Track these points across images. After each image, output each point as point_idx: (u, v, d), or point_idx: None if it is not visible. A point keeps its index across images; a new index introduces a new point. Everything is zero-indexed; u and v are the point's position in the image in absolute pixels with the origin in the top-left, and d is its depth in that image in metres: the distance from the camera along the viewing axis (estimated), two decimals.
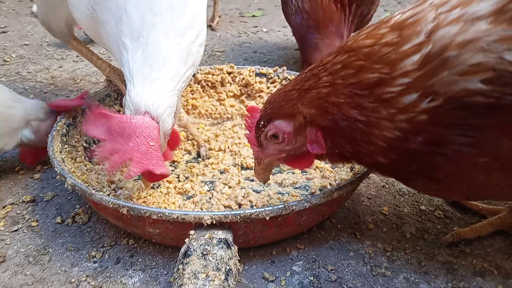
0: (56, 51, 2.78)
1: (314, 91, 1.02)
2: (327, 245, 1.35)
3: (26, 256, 1.31)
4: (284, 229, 1.27)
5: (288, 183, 1.54)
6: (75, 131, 1.63)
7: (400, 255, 1.31)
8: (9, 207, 1.50)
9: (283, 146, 1.14)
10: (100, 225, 1.43)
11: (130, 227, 1.29)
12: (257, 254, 1.32)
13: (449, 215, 1.46)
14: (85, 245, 1.35)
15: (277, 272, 1.26)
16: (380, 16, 3.50)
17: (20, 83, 2.35)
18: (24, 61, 2.63)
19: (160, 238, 1.28)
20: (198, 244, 1.08)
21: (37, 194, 1.57)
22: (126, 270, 1.26)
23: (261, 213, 1.15)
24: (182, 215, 1.14)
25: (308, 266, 1.27)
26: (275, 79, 2.03)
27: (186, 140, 1.79)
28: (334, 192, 1.23)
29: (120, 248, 1.34)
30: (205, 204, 1.43)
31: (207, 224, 1.14)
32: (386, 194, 1.57)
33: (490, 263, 1.27)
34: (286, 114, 1.08)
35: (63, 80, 2.40)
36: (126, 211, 1.16)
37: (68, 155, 1.52)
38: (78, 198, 1.55)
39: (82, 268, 1.27)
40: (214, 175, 1.60)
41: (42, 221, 1.45)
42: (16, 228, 1.42)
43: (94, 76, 2.45)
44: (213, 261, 1.03)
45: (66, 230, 1.42)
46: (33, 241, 1.37)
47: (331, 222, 1.44)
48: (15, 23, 3.25)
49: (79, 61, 2.63)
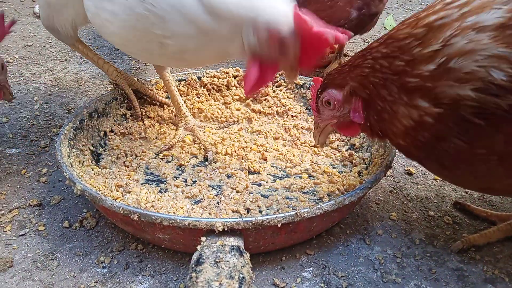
0: (60, 52, 2.77)
1: (359, 69, 1.21)
2: (337, 251, 1.35)
3: (34, 261, 1.30)
4: (294, 235, 1.27)
5: (296, 188, 1.54)
6: (82, 134, 1.62)
7: (410, 261, 1.31)
8: (16, 211, 1.49)
9: (334, 112, 1.31)
10: (108, 230, 1.42)
11: (140, 233, 1.29)
12: (266, 260, 1.31)
13: (458, 221, 1.46)
14: (93, 250, 1.35)
15: (287, 278, 1.26)
16: (382, 20, 3.50)
17: (24, 85, 2.33)
18: (28, 63, 2.61)
19: (170, 244, 1.27)
20: (210, 252, 1.07)
21: (43, 198, 1.56)
22: (135, 276, 1.26)
23: (273, 220, 1.15)
24: (193, 221, 1.13)
25: (318, 273, 1.27)
26: (280, 82, 2.03)
27: (193, 144, 1.79)
28: (346, 198, 1.23)
29: (128, 253, 1.34)
30: (213, 209, 1.42)
31: (218, 231, 1.14)
32: (394, 199, 1.57)
33: (500, 270, 1.27)
34: (338, 84, 1.26)
35: (67, 82, 2.39)
36: (137, 217, 1.16)
37: (76, 159, 1.51)
38: (85, 202, 1.54)
39: (91, 273, 1.26)
40: (221, 179, 1.60)
41: (49, 225, 1.44)
42: (23, 233, 1.41)
43: (99, 78, 2.44)
44: (226, 269, 1.02)
45: (74, 234, 1.41)
46: (40, 246, 1.36)
47: (340, 227, 1.44)
48: (17, 24, 3.23)
49: (83, 63, 2.62)
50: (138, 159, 1.68)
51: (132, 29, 1.28)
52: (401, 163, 1.75)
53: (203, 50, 1.32)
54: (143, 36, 1.30)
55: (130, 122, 1.83)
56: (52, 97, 2.23)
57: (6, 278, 1.25)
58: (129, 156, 1.68)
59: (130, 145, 1.74)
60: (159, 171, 1.62)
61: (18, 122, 1.99)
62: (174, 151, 1.74)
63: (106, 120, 1.77)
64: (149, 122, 1.86)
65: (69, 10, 1.66)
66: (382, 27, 3.47)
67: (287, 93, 2.01)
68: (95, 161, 1.63)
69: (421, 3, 4.20)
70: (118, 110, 1.82)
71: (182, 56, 1.37)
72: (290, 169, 1.65)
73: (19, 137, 1.88)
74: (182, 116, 1.81)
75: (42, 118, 2.04)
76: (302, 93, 1.99)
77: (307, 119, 1.92)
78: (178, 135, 1.78)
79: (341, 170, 1.65)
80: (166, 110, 1.93)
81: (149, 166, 1.65)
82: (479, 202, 1.54)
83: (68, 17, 1.69)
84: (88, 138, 1.65)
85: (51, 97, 2.23)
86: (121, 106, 1.83)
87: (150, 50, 1.35)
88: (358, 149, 1.74)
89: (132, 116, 1.84)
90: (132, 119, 1.84)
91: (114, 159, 1.65)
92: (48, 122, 2.01)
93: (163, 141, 1.78)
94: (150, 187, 1.53)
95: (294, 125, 1.89)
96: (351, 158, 1.69)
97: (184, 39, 1.28)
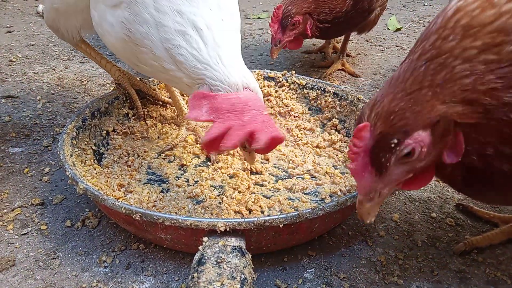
0: (63, 51, 2.78)
1: (454, 84, 0.85)
2: (339, 252, 1.35)
3: (36, 260, 1.31)
4: (296, 236, 1.27)
5: (298, 189, 1.54)
6: (84, 134, 1.62)
7: (412, 263, 1.30)
8: (18, 210, 1.50)
9: (415, 164, 0.91)
10: (110, 229, 1.42)
11: (142, 233, 1.29)
12: (268, 261, 1.31)
13: (460, 222, 1.46)
14: (95, 250, 1.35)
15: (288, 279, 1.25)
16: (385, 20, 3.49)
17: (26, 84, 2.34)
18: (31, 62, 2.62)
19: (172, 244, 1.27)
20: (212, 252, 1.07)
21: (46, 197, 1.56)
22: (137, 276, 1.26)
23: (275, 220, 1.15)
24: (195, 222, 1.13)
25: (320, 274, 1.27)
26: (283, 83, 2.02)
27: (195, 144, 1.79)
28: (348, 199, 1.22)
29: (130, 253, 1.34)
30: (215, 209, 1.42)
31: (220, 231, 1.14)
32: (396, 201, 1.57)
33: (503, 272, 1.26)
34: (427, 121, 0.86)
35: (70, 81, 2.40)
36: (139, 217, 1.16)
37: (78, 159, 1.51)
38: (88, 201, 1.54)
39: (92, 273, 1.26)
40: (223, 180, 1.60)
41: (52, 225, 1.44)
42: (25, 232, 1.41)
43: (101, 77, 2.44)
44: (228, 270, 1.02)
45: (76, 234, 1.41)
46: (42, 245, 1.36)
47: (342, 229, 1.43)
48: (21, 23, 3.24)
49: (86, 62, 2.62)
50: (140, 158, 1.68)
51: (122, 42, 1.32)
52: None
53: (171, 81, 1.35)
54: (129, 51, 1.33)
55: (132, 122, 1.83)
56: (55, 96, 2.23)
57: (8, 276, 1.25)
58: (131, 156, 1.68)
59: (132, 145, 1.74)
60: (161, 171, 1.62)
61: (21, 121, 1.99)
62: (176, 151, 1.74)
63: (108, 119, 1.77)
64: (151, 122, 1.86)
65: (77, 18, 1.66)
66: (385, 28, 3.46)
67: (290, 93, 2.00)
68: (97, 160, 1.63)
69: (424, 4, 4.19)
70: (121, 110, 1.82)
71: (156, 77, 1.53)
72: (292, 169, 1.65)
73: (22, 136, 1.89)
74: (183, 116, 1.81)
75: (45, 117, 2.04)
76: (305, 94, 1.98)
77: (310, 119, 1.92)
78: (180, 135, 1.78)
79: (343, 171, 1.65)
80: (168, 110, 1.93)
81: (151, 166, 1.65)
82: (482, 204, 1.53)
83: (76, 23, 1.70)
84: (90, 138, 1.65)
85: (54, 96, 2.23)
86: (124, 105, 1.83)
87: (133, 62, 1.39)
88: None
89: (135, 116, 1.84)
90: (135, 118, 1.84)
91: (116, 159, 1.65)
92: (50, 121, 2.02)
93: (165, 141, 1.78)
94: (152, 187, 1.53)
95: (296, 125, 1.89)
96: None
97: (154, 68, 1.31)
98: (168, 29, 1.21)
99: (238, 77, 1.19)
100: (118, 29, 1.30)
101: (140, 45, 1.27)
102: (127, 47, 1.31)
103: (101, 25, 1.37)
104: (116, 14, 1.29)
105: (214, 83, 1.19)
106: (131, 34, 1.27)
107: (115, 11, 1.29)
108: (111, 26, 1.32)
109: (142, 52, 1.28)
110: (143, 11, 1.23)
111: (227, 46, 1.23)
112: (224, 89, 1.18)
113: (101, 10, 1.35)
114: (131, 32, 1.26)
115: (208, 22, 1.23)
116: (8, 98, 2.18)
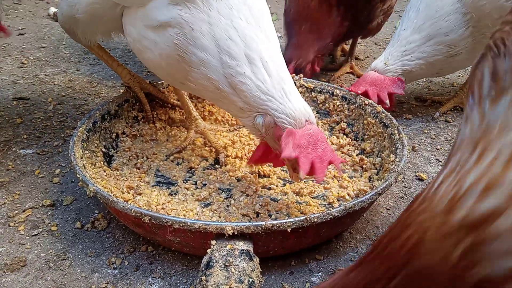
0: (73, 54, 2.81)
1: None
2: (346, 256, 1.35)
3: (46, 261, 1.32)
4: (304, 240, 1.27)
5: (305, 192, 1.54)
6: (94, 136, 1.64)
7: None
8: (29, 211, 1.52)
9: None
10: (119, 231, 1.44)
11: (151, 235, 1.30)
12: (275, 265, 1.31)
13: None
14: (105, 251, 1.36)
15: (296, 283, 1.26)
16: (394, 23, 3.48)
17: (38, 86, 2.37)
18: (42, 64, 2.65)
19: (180, 246, 1.28)
20: (220, 255, 1.08)
21: (56, 198, 1.58)
22: (145, 278, 1.27)
23: (283, 224, 1.15)
24: (204, 225, 1.14)
25: (328, 278, 1.27)
26: None
27: (203, 146, 1.80)
28: (356, 204, 1.22)
29: (139, 255, 1.35)
30: (223, 212, 1.43)
31: (228, 235, 1.14)
32: (404, 205, 1.56)
33: None
34: None
35: (80, 83, 2.42)
36: (148, 219, 1.17)
37: (89, 161, 1.53)
38: (97, 203, 1.56)
39: (102, 274, 1.28)
40: (231, 183, 1.60)
41: (62, 226, 1.46)
42: (36, 232, 1.43)
43: (111, 80, 2.46)
44: (236, 273, 1.03)
45: (86, 235, 1.43)
46: (53, 246, 1.38)
47: (350, 233, 1.43)
48: (32, 25, 3.28)
49: (96, 65, 2.65)
50: (149, 161, 1.69)
51: (172, 60, 1.35)
52: (412, 169, 1.74)
53: (219, 100, 1.39)
54: (177, 69, 1.37)
55: (141, 124, 1.85)
56: (65, 98, 2.26)
57: (20, 277, 1.27)
58: (140, 158, 1.70)
59: (141, 147, 1.76)
60: (170, 173, 1.64)
61: (32, 123, 2.02)
62: (185, 153, 1.75)
63: (118, 122, 1.79)
64: (160, 124, 1.88)
65: (99, 27, 1.65)
66: (394, 30, 3.44)
67: None
68: (107, 162, 1.65)
69: None
70: (130, 113, 1.84)
71: (200, 94, 1.56)
72: None
73: (33, 138, 1.91)
74: (192, 119, 1.82)
75: (55, 119, 2.07)
76: (313, 97, 1.99)
77: (318, 123, 1.92)
78: (189, 138, 1.79)
79: (351, 175, 1.65)
80: (177, 113, 1.95)
81: (159, 168, 1.66)
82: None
83: (96, 31, 1.69)
84: (100, 140, 1.68)
85: (65, 98, 2.26)
86: (133, 108, 1.85)
87: (176, 79, 1.43)
88: (369, 154, 1.73)
89: (144, 119, 1.86)
90: (144, 121, 1.86)
91: (126, 161, 1.67)
92: (61, 123, 2.04)
93: (173, 144, 1.79)
94: (161, 189, 1.54)
95: None
96: (361, 163, 1.69)
97: (204, 88, 1.36)
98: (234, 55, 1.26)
99: (301, 112, 1.28)
100: (166, 48, 1.31)
101: (195, 67, 1.30)
102: (179, 67, 1.34)
103: (140, 42, 1.40)
104: (165, 34, 1.30)
105: (279, 116, 1.27)
106: (186, 55, 1.30)
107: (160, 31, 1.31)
108: (154, 44, 1.35)
109: (194, 72, 1.32)
110: (201, 37, 1.27)
111: (288, 79, 1.31)
112: (289, 122, 1.27)
113: (140, 27, 1.38)
114: (187, 54, 1.29)
115: (271, 54, 1.29)
116: (19, 100, 2.21)
